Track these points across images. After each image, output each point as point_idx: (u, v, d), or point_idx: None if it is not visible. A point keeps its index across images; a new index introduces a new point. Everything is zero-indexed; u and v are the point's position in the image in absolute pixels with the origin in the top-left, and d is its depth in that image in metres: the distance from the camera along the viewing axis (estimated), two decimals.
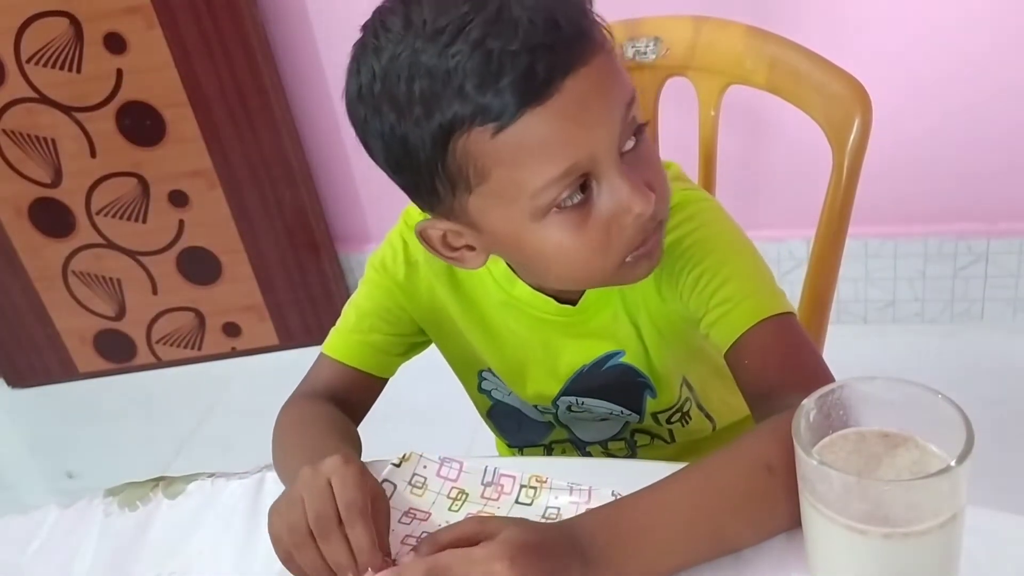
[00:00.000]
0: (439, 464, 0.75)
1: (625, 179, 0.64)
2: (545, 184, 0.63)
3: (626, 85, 0.65)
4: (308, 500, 0.64)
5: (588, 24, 0.63)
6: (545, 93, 0.60)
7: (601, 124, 0.63)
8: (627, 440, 0.93)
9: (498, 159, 0.62)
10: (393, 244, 0.85)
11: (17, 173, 2.06)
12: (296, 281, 2.20)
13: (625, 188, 0.64)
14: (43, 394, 2.36)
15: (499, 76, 0.59)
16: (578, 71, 0.61)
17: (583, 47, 0.61)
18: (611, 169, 0.64)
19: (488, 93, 0.59)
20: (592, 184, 0.64)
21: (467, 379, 0.93)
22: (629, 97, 0.65)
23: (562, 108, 0.61)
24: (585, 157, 0.63)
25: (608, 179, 0.64)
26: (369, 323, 0.85)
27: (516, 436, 0.98)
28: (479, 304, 0.84)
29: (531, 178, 0.63)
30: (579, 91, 0.61)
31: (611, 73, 0.63)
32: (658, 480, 0.62)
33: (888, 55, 1.68)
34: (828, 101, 0.90)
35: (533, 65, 0.59)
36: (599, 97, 0.62)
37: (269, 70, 1.95)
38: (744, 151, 1.83)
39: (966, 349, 1.87)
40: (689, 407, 0.89)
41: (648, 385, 0.85)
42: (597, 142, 0.63)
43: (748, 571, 0.62)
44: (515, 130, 0.61)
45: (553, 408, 0.89)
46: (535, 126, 0.61)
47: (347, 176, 2.15)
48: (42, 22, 1.89)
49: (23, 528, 0.81)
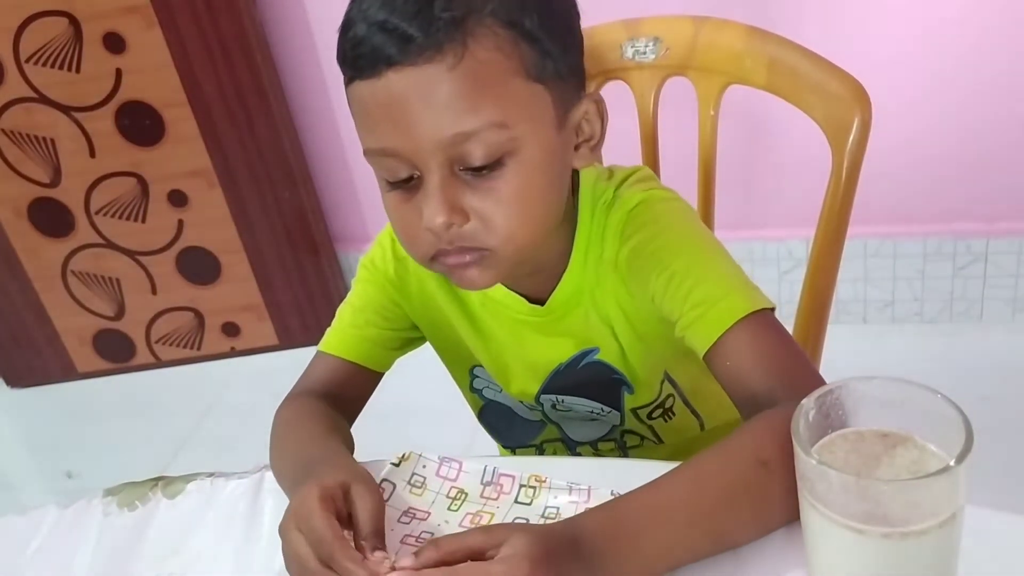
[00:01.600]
0: (438, 464, 0.75)
1: (436, 190, 0.66)
2: (366, 150, 0.68)
3: (473, 109, 0.64)
4: (286, 554, 0.64)
5: (441, 28, 0.62)
6: (369, 74, 0.64)
7: (415, 128, 0.64)
8: (617, 441, 0.93)
9: (349, 105, 0.68)
10: (382, 243, 0.87)
11: (16, 173, 2.06)
12: (295, 281, 2.20)
13: (430, 198, 0.66)
14: (42, 394, 2.36)
15: (350, 35, 0.65)
16: (403, 69, 0.63)
17: (420, 50, 0.62)
18: (430, 174, 0.66)
19: (345, 45, 0.66)
20: (415, 176, 0.67)
21: (460, 377, 0.94)
22: (475, 123, 0.64)
23: (381, 94, 0.64)
24: (397, 148, 0.66)
25: (425, 181, 0.67)
26: (364, 318, 0.86)
27: (508, 436, 0.98)
28: (465, 301, 0.85)
29: (361, 138, 0.69)
30: (400, 87, 0.63)
31: (449, 86, 0.63)
32: (653, 479, 0.62)
33: (888, 55, 1.68)
34: (827, 101, 0.90)
35: (368, 40, 0.63)
36: (418, 102, 0.63)
37: (268, 70, 1.95)
38: (743, 151, 1.83)
39: (965, 349, 1.87)
40: (672, 403, 0.89)
41: (624, 382, 0.85)
42: (409, 142, 0.65)
43: (747, 570, 0.62)
44: (352, 90, 0.67)
45: (539, 405, 0.90)
46: (362, 97, 0.66)
47: (346, 176, 2.15)
48: (41, 22, 1.89)
49: (22, 528, 0.81)
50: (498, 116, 0.64)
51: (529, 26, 0.65)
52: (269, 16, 1.96)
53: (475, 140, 0.64)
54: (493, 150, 0.65)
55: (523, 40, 0.65)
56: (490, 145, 0.65)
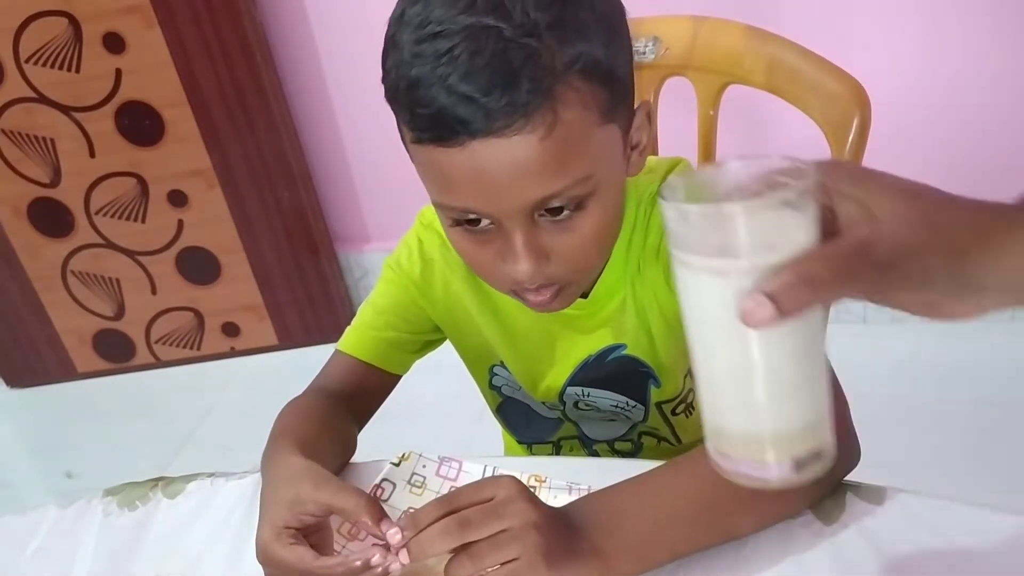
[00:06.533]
0: (438, 463, 0.75)
1: (518, 237, 0.64)
2: (439, 203, 0.66)
3: (563, 171, 0.62)
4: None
5: (531, 99, 0.58)
6: (452, 141, 0.60)
7: (502, 195, 0.62)
8: (634, 441, 0.93)
9: (414, 154, 0.65)
10: (408, 244, 0.87)
11: (16, 173, 2.06)
12: (295, 281, 2.20)
13: (516, 253, 0.65)
14: (42, 394, 2.36)
15: (421, 96, 0.60)
16: (489, 140, 0.59)
17: (508, 122, 0.59)
18: (512, 230, 0.64)
19: (413, 106, 0.61)
20: (494, 224, 0.65)
21: (479, 375, 0.94)
22: (564, 183, 0.62)
23: (465, 163, 0.61)
24: (479, 210, 0.64)
25: (504, 229, 0.65)
26: (385, 320, 0.87)
27: (525, 432, 0.98)
28: (494, 298, 0.85)
29: (432, 193, 0.66)
30: (488, 157, 0.60)
31: (539, 154, 0.60)
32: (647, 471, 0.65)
33: (887, 55, 1.68)
34: (827, 101, 0.90)
35: (451, 110, 0.59)
36: (507, 172, 0.60)
37: (268, 70, 1.95)
38: (743, 151, 1.83)
39: (965, 349, 1.87)
40: (692, 398, 0.89)
41: (652, 375, 0.86)
42: (494, 207, 0.63)
43: (746, 568, 0.63)
44: (423, 151, 0.63)
45: (560, 404, 0.90)
46: (438, 160, 0.62)
47: (346, 176, 2.15)
48: (41, 22, 1.89)
49: (22, 528, 0.81)
50: (584, 171, 0.63)
51: (605, 63, 0.62)
52: (269, 16, 1.96)
53: (561, 197, 0.63)
54: (576, 199, 0.64)
55: (600, 84, 0.62)
56: (574, 197, 0.64)
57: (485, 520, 0.58)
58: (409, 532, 0.59)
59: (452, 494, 0.61)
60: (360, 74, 1.98)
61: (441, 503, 0.59)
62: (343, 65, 1.99)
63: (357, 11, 1.88)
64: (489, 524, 0.58)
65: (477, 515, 0.58)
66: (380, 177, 2.11)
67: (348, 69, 1.98)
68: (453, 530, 0.57)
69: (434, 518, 0.58)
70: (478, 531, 0.58)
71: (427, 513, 0.59)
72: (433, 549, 0.58)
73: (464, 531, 0.57)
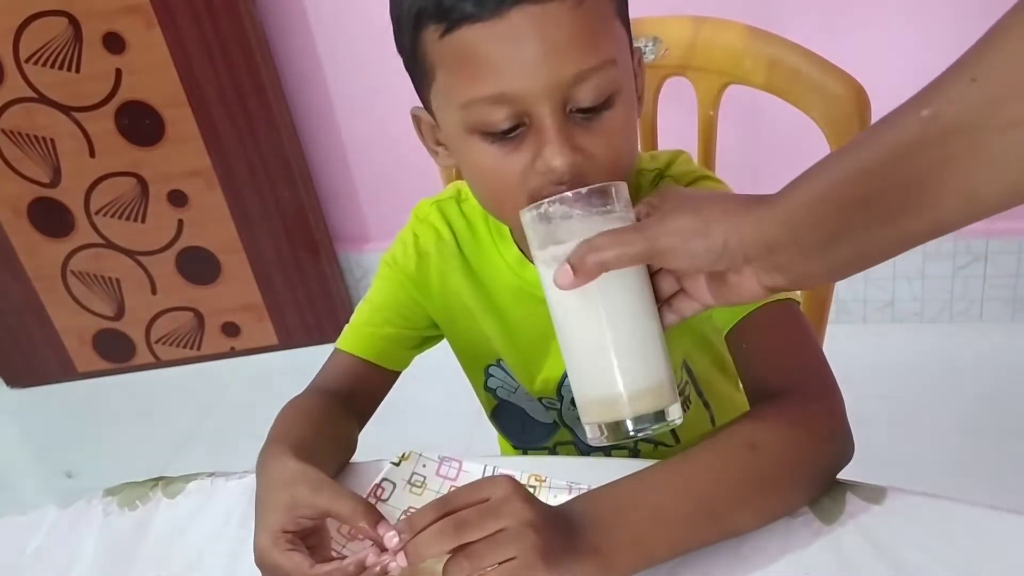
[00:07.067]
0: (438, 463, 0.75)
1: (556, 133, 0.64)
2: (470, 101, 0.64)
3: (593, 47, 0.63)
4: None
5: None
6: (489, 14, 0.61)
7: (538, 68, 0.62)
8: (631, 449, 0.93)
9: (441, 61, 0.65)
10: (404, 239, 0.87)
11: (16, 173, 2.06)
12: (295, 281, 2.20)
13: (550, 142, 0.64)
14: (42, 394, 2.36)
15: None
16: (526, 7, 0.60)
17: None
18: (546, 118, 0.63)
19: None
20: (524, 124, 0.65)
21: (474, 375, 0.94)
22: (595, 61, 0.63)
23: (502, 34, 0.61)
24: (515, 92, 0.63)
25: (539, 125, 0.64)
26: (382, 316, 0.87)
27: (520, 437, 0.98)
28: (492, 291, 0.85)
29: (462, 90, 0.64)
30: (524, 26, 0.61)
31: (571, 24, 0.62)
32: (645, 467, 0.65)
33: (888, 55, 1.68)
34: (827, 101, 0.90)
35: None
36: (543, 41, 0.61)
37: (268, 70, 1.95)
38: (743, 151, 1.84)
39: (965, 349, 1.87)
40: (689, 391, 0.89)
41: None
42: (530, 83, 0.62)
43: (746, 567, 0.63)
44: (456, 38, 0.62)
45: (558, 400, 0.90)
46: (473, 41, 0.62)
47: (346, 176, 2.15)
48: (41, 22, 1.89)
49: (22, 528, 0.81)
50: (611, 54, 0.64)
51: None
52: (269, 15, 1.96)
53: (591, 80, 0.63)
54: (605, 89, 0.64)
55: None
56: (603, 84, 0.64)
57: (482, 520, 0.58)
58: (406, 535, 0.58)
59: (448, 496, 0.61)
60: (360, 74, 1.98)
61: (437, 505, 0.59)
62: (343, 65, 1.99)
63: (357, 11, 1.88)
64: (486, 524, 0.58)
65: (474, 515, 0.58)
66: (380, 177, 2.11)
67: (348, 69, 1.98)
68: (450, 531, 0.57)
69: (431, 520, 0.58)
70: (475, 531, 0.58)
71: (424, 516, 0.59)
72: (430, 551, 0.58)
73: (461, 532, 0.57)
